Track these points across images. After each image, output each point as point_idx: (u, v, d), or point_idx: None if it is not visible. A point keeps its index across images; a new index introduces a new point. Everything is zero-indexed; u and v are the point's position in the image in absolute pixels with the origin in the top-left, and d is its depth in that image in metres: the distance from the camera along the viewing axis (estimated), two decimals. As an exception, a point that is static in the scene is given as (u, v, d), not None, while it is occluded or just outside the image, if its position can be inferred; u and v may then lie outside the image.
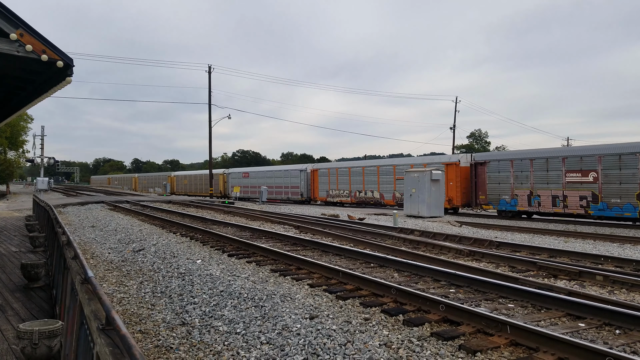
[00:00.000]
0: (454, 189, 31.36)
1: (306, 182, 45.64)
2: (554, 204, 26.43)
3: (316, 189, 44.33)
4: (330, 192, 42.47)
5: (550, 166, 26.67)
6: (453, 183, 31.33)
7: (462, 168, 31.44)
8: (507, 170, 28.73)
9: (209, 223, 21.03)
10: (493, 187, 29.52)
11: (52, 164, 49.62)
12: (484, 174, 30.05)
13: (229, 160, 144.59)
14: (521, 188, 27.94)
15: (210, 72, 49.30)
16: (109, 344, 2.86)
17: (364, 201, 39.13)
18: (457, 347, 5.72)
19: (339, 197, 41.46)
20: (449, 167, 31.57)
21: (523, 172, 27.94)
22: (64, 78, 8.03)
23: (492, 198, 29.59)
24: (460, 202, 31.44)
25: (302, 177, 45.91)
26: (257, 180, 52.09)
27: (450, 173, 31.42)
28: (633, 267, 11.31)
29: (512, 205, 28.41)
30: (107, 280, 10.11)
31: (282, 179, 48.80)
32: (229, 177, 58.19)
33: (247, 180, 54.17)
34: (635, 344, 5.88)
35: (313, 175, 44.88)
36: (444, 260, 11.36)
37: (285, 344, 5.91)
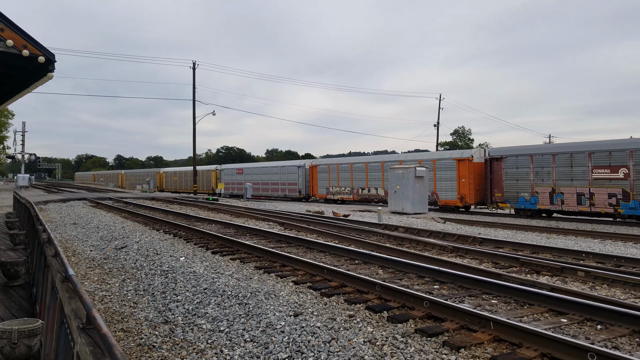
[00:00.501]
0: (466, 186, 30.04)
1: (304, 179, 44.17)
2: (579, 202, 25.00)
3: (315, 185, 42.92)
4: (330, 189, 41.05)
5: (575, 162, 25.23)
6: (465, 180, 30.03)
7: (476, 164, 30.05)
8: (527, 166, 27.26)
9: (193, 220, 20.90)
10: (510, 184, 28.08)
11: (34, 160, 48.87)
12: (500, 170, 28.59)
13: (213, 157, 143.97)
14: (542, 185, 26.46)
15: (195, 69, 49.03)
16: (89, 343, 2.81)
17: (367, 198, 37.53)
18: (441, 343, 5.74)
19: (340, 195, 40.11)
20: (460, 163, 30.52)
21: (544, 168, 26.41)
22: (46, 74, 7.91)
23: (509, 196, 28.15)
24: (473, 199, 29.99)
25: (300, 173, 44.38)
26: (252, 176, 50.88)
27: (462, 169, 30.29)
28: (614, 263, 11.45)
29: (531, 204, 26.97)
30: (88, 278, 10.00)
31: (278, 175, 47.39)
32: (222, 173, 56.47)
33: (241, 176, 52.61)
34: (617, 339, 5.94)
35: (312, 172, 43.38)
36: (428, 257, 11.40)
37: (269, 342, 5.89)
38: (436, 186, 32.06)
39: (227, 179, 54.25)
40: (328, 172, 41.45)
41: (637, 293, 8.62)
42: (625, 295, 8.49)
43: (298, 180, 44.55)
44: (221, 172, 56.71)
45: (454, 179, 30.95)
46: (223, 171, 56.50)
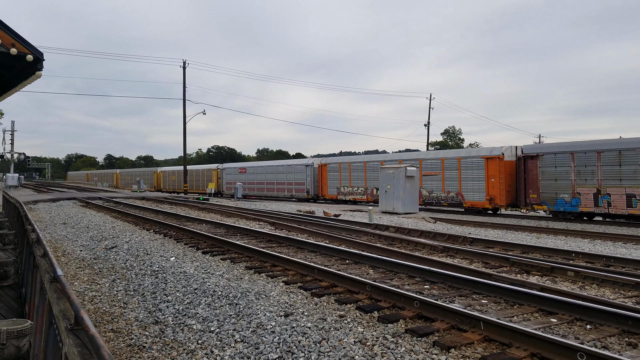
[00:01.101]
0: (496, 186, 28.14)
1: (312, 178, 42.01)
2: (629, 204, 22.77)
3: (325, 185, 40.86)
4: (341, 189, 39.02)
5: (625, 159, 22.97)
6: (495, 180, 28.16)
7: (507, 162, 28.10)
8: (567, 164, 25.18)
9: (183, 220, 20.84)
10: (547, 184, 25.99)
11: (23, 159, 48.56)
12: (535, 169, 26.48)
13: (204, 157, 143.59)
14: (585, 185, 24.36)
15: (185, 68, 48.86)
16: (77, 344, 2.79)
17: None
18: (431, 343, 5.75)
19: (352, 195, 38.07)
20: (490, 162, 28.57)
21: (588, 166, 24.33)
22: (34, 72, 7.86)
23: (546, 197, 26.04)
24: (504, 201, 28.05)
25: (308, 172, 42.29)
26: (256, 176, 48.77)
27: (491, 168, 28.40)
28: (603, 263, 11.53)
29: (572, 206, 24.93)
30: (78, 278, 9.95)
31: (284, 174, 45.34)
32: (223, 172, 54.27)
33: (244, 176, 50.34)
34: (606, 339, 5.98)
35: (321, 171, 41.18)
36: (418, 257, 11.42)
37: (259, 342, 5.88)
38: (461, 186, 30.43)
39: (229, 179, 52.45)
40: (339, 171, 39.59)
41: (626, 293, 8.68)
42: (615, 295, 8.54)
43: (306, 180, 42.62)
44: (222, 171, 54.67)
45: (482, 178, 29.11)
46: (225, 170, 54.41)
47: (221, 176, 54.40)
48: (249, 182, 49.43)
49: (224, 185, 53.65)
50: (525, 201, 27.31)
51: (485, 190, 28.60)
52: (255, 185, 48.58)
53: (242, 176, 50.66)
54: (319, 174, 41.49)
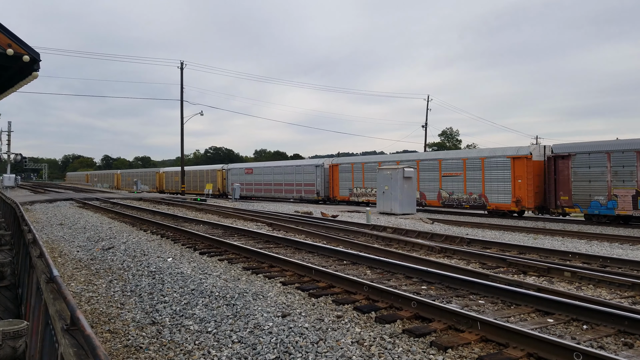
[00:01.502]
0: (523, 187, 26.62)
1: (323, 179, 40.35)
2: None
3: (336, 186, 39.03)
4: (354, 190, 37.31)
5: None
6: (522, 180, 26.64)
7: (535, 162, 26.61)
8: (602, 164, 23.64)
9: (181, 221, 20.81)
10: (581, 185, 24.48)
11: (20, 160, 48.44)
12: (567, 170, 25.00)
13: (201, 157, 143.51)
14: (623, 187, 22.79)
15: (183, 69, 48.79)
16: (73, 345, 2.79)
17: None
18: (428, 343, 5.75)
19: (365, 196, 36.24)
20: (517, 161, 27.09)
21: (626, 167, 22.80)
22: (30, 73, 7.83)
23: (578, 199, 24.51)
24: (532, 203, 26.43)
25: (319, 173, 40.58)
26: (263, 177, 46.95)
27: (518, 168, 26.92)
28: (600, 263, 11.55)
29: (608, 209, 23.35)
30: (75, 279, 9.92)
31: (292, 175, 43.61)
32: (229, 173, 52.48)
33: (251, 177, 48.73)
34: (602, 339, 5.99)
35: (332, 172, 39.43)
36: (416, 257, 11.43)
37: (257, 343, 5.87)
38: (485, 188, 28.98)
39: (234, 179, 50.44)
40: (351, 172, 37.73)
41: (622, 293, 8.70)
42: (611, 296, 8.56)
43: (316, 180, 40.91)
44: (228, 171, 53.02)
45: (508, 179, 27.66)
46: (230, 171, 52.72)
47: (226, 177, 52.93)
48: (256, 183, 48.07)
49: (229, 186, 51.44)
50: (556, 203, 25.73)
51: (512, 192, 27.20)
52: (262, 187, 47.01)
53: (248, 177, 49.25)
54: (330, 174, 39.92)
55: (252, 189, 48.16)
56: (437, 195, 31.81)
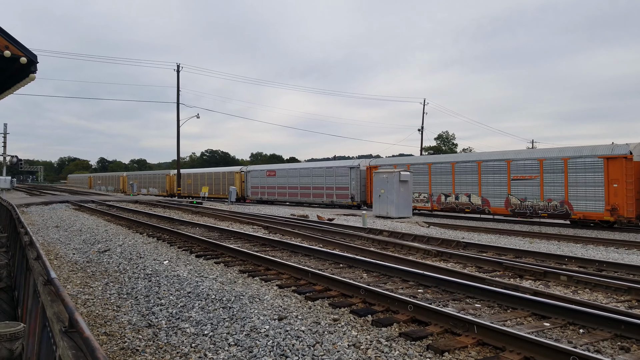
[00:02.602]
0: (621, 192, 22.68)
1: (359, 183, 36.92)
2: None
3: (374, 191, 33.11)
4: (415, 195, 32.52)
5: None
6: (619, 184, 22.77)
7: (636, 163, 22.66)
8: None
9: (177, 223, 20.78)
10: None
11: (15, 162, 48.38)
12: None
13: (197, 160, 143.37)
14: None
15: (179, 71, 48.81)
16: (71, 347, 2.79)
17: (453, 208, 29.88)
18: (425, 347, 5.75)
19: None
20: (611, 162, 23.28)
21: None
22: (28, 75, 7.83)
23: None
24: (633, 212, 22.52)
25: (353, 175, 37.25)
26: (288, 179, 43.72)
27: (614, 170, 23.07)
28: (596, 267, 11.58)
29: None
30: (71, 281, 9.90)
31: (322, 178, 40.25)
32: (248, 176, 49.29)
33: (273, 179, 45.48)
34: (599, 343, 6.01)
35: (370, 174, 34.81)
36: (412, 261, 11.44)
37: (253, 346, 5.87)
38: (568, 193, 25.23)
39: (254, 182, 47.90)
40: None
41: (618, 297, 8.73)
42: (607, 300, 8.58)
43: (350, 184, 37.56)
44: (247, 174, 49.78)
45: (600, 183, 23.82)
46: (250, 173, 49.47)
47: (246, 179, 49.75)
48: (279, 187, 44.82)
49: (248, 189, 49.21)
50: None
51: (605, 199, 23.34)
52: (287, 190, 43.78)
53: (270, 179, 46.02)
54: (368, 177, 35.70)
55: (274, 192, 45.11)
56: (504, 202, 28.05)
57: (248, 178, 49.29)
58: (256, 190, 47.55)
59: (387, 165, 34.41)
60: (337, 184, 39.05)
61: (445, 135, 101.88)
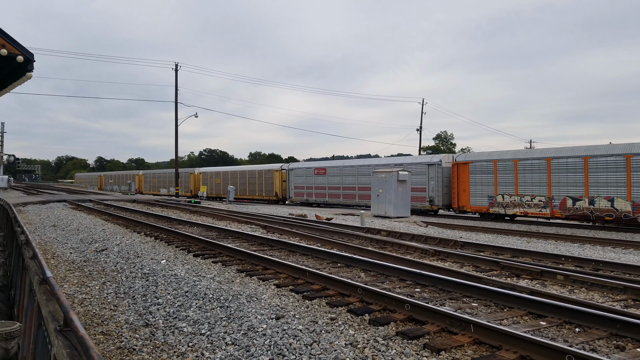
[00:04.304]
0: None
1: (439, 182, 30.67)
2: None
3: (464, 192, 28.94)
4: (498, 197, 27.22)
5: None
6: None
7: None
8: None
9: (175, 223, 20.77)
10: None
11: (12, 161, 48.24)
12: None
13: (195, 160, 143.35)
14: None
15: (177, 70, 48.75)
16: (66, 346, 2.78)
17: (585, 215, 23.63)
18: (421, 346, 5.76)
19: (519, 207, 26.18)
20: None
21: None
22: (24, 73, 7.83)
23: None
24: None
25: (432, 174, 30.97)
26: (342, 178, 37.82)
27: None
28: (592, 267, 11.60)
29: None
30: (68, 280, 9.88)
31: None
32: (291, 174, 43.66)
33: (323, 178, 39.73)
34: (594, 342, 6.02)
35: (457, 172, 29.30)
36: (410, 260, 11.45)
37: (250, 345, 5.86)
38: None
39: (298, 182, 42.54)
40: (493, 172, 27.50)
41: (614, 296, 8.74)
42: (603, 299, 8.60)
43: (428, 184, 31.36)
44: (290, 172, 43.93)
45: None
46: (293, 171, 43.57)
47: (287, 178, 44.14)
48: (331, 187, 39.10)
49: (291, 189, 43.58)
50: None
51: None
52: (341, 191, 37.81)
53: (319, 179, 40.29)
54: (455, 175, 29.59)
55: (324, 194, 39.42)
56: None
57: (291, 177, 43.68)
58: (301, 191, 42.33)
59: (483, 160, 28.28)
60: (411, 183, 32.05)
61: (444, 135, 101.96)
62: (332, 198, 38.90)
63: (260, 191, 46.66)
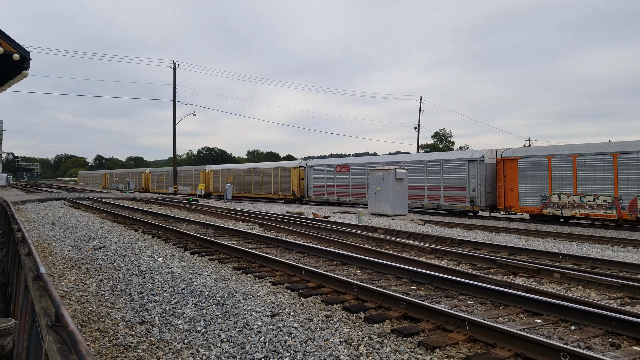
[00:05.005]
0: None
1: (481, 180, 27.99)
2: None
3: (511, 191, 26.35)
4: (553, 197, 24.62)
5: None
6: None
7: None
8: None
9: (172, 221, 20.76)
10: None
11: (11, 159, 48.17)
12: None
13: (194, 158, 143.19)
14: None
15: (175, 69, 48.69)
16: (57, 341, 2.79)
17: None
18: (416, 343, 5.77)
19: (578, 208, 23.76)
20: None
21: None
22: (20, 71, 7.84)
23: None
24: None
25: (473, 171, 28.33)
26: (365, 176, 33.90)
27: None
28: (589, 265, 11.61)
29: None
30: (65, 278, 9.89)
31: (421, 174, 31.23)
32: (310, 172, 40.78)
33: (345, 176, 36.85)
34: (590, 340, 6.03)
35: (504, 169, 26.78)
36: (406, 258, 11.45)
37: (245, 342, 5.87)
38: None
39: (318, 180, 39.77)
40: (547, 169, 24.87)
41: (611, 294, 8.76)
42: (600, 297, 8.61)
43: (468, 182, 28.60)
44: (309, 169, 41.08)
45: None
46: (312, 169, 40.66)
47: (306, 176, 41.43)
48: (354, 185, 36.30)
49: (310, 188, 40.88)
50: None
51: None
52: (366, 190, 32.58)
53: (341, 176, 37.22)
54: (501, 173, 27.00)
55: (347, 193, 36.72)
56: None
57: (309, 174, 40.82)
58: (321, 189, 39.53)
59: (534, 156, 25.50)
60: (446, 182, 30.05)
61: (442, 133, 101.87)
62: (356, 197, 36.05)
63: (276, 190, 44.38)
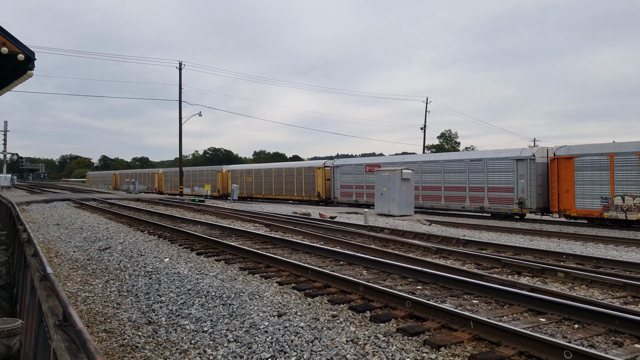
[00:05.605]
0: None
1: (532, 181, 26.03)
2: None
3: (567, 192, 24.30)
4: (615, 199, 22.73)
5: None
6: None
7: None
8: None
9: (178, 221, 20.82)
10: None
11: (16, 160, 48.42)
12: None
13: (200, 158, 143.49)
14: None
15: (181, 69, 48.78)
16: (65, 340, 2.82)
17: None
18: (422, 342, 5.79)
19: None
20: None
21: None
22: (25, 72, 7.88)
23: None
24: None
25: (522, 170, 26.32)
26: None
27: None
28: (593, 264, 11.60)
29: None
30: (71, 279, 9.94)
31: (463, 174, 29.16)
32: (337, 172, 38.55)
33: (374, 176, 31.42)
34: (593, 338, 6.04)
35: (558, 168, 24.75)
36: (412, 258, 11.47)
37: (252, 342, 5.90)
38: None
39: (345, 180, 37.70)
40: (609, 169, 22.80)
41: (614, 293, 8.75)
42: (603, 296, 8.61)
43: (517, 182, 26.60)
44: (335, 169, 38.76)
45: None
46: (339, 169, 38.35)
47: (332, 177, 39.24)
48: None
49: (336, 189, 38.66)
50: None
51: None
52: None
53: (370, 176, 34.37)
54: (555, 173, 24.93)
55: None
56: None
57: (336, 175, 38.58)
58: (349, 190, 37.48)
59: (594, 154, 23.46)
60: (490, 182, 28.03)
61: (448, 133, 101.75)
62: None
63: (300, 191, 42.44)
